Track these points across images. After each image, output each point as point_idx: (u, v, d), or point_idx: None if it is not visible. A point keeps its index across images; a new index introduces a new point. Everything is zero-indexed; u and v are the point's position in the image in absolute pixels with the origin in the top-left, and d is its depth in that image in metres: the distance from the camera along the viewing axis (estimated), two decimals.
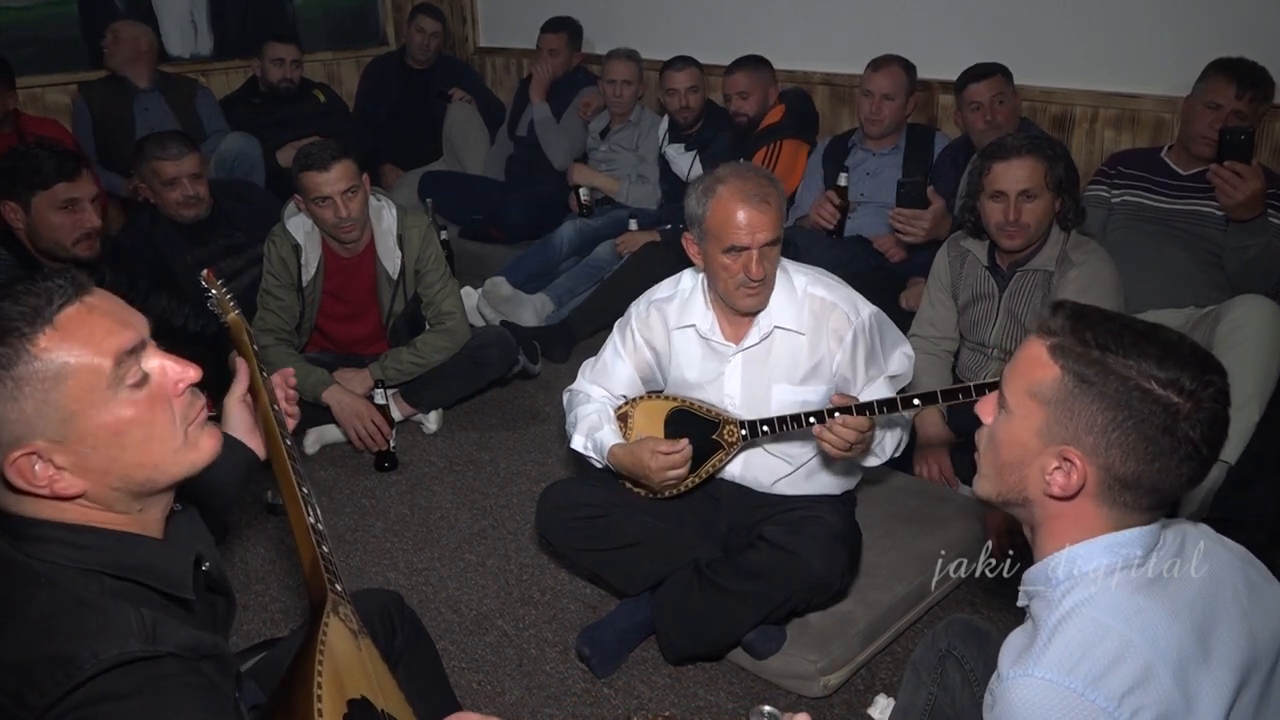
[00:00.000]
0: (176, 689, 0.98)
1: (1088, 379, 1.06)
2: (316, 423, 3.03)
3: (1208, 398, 1.04)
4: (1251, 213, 2.53)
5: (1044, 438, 1.10)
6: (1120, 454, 1.06)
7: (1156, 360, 1.05)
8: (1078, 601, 1.06)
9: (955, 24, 3.60)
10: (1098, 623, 1.03)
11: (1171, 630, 1.03)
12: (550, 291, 3.83)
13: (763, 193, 1.91)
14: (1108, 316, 1.11)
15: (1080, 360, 1.07)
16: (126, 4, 4.63)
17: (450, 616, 2.32)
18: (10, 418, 0.97)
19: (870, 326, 2.07)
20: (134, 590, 1.05)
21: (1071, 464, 1.08)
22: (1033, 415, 1.11)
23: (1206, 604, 1.08)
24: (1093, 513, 1.10)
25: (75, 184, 2.58)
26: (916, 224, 2.98)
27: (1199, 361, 1.06)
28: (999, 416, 1.17)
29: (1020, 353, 1.15)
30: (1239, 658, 1.06)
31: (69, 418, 1.00)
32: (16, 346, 0.97)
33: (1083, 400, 1.07)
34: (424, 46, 4.83)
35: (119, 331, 1.04)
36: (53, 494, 1.01)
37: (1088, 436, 1.07)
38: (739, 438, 2.07)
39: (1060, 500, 1.11)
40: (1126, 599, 1.05)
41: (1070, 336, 1.09)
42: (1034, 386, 1.11)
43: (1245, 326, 2.37)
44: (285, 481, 1.45)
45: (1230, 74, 2.68)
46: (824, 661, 2.02)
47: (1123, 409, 1.05)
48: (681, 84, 3.92)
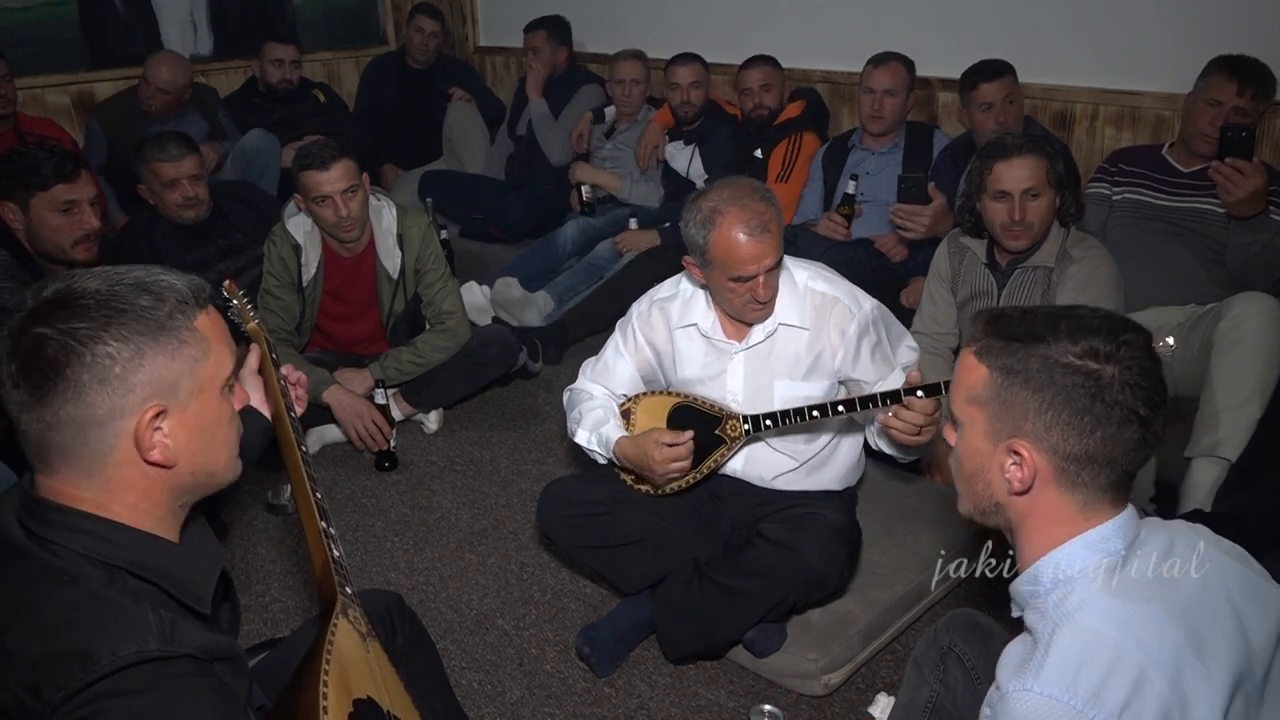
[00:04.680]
0: (190, 688, 1.00)
1: (1012, 369, 1.11)
2: (317, 423, 3.02)
3: (1127, 356, 1.07)
4: (1253, 210, 2.52)
5: (992, 438, 1.14)
6: (1061, 432, 1.08)
7: (1069, 335, 1.09)
8: (1070, 608, 1.06)
9: (955, 21, 3.59)
10: (1091, 630, 1.03)
11: (1165, 633, 1.02)
12: (551, 289, 3.83)
13: (764, 220, 1.91)
14: (1022, 311, 1.16)
15: (1002, 354, 1.12)
16: (126, 4, 4.62)
17: (451, 616, 2.32)
18: (162, 373, 1.07)
19: (874, 319, 2.07)
20: (153, 592, 1.07)
21: (1021, 455, 1.10)
22: (977, 420, 1.15)
23: (1200, 607, 1.07)
24: (1058, 500, 1.11)
25: (74, 185, 2.57)
26: (917, 220, 2.97)
27: (1111, 326, 1.09)
28: (957, 434, 1.20)
29: (958, 363, 1.19)
30: (1233, 661, 1.05)
31: (198, 390, 1.10)
32: (186, 314, 1.09)
33: (1012, 391, 1.11)
34: (423, 47, 4.83)
35: (233, 344, 1.18)
36: (156, 459, 1.07)
37: (1027, 424, 1.10)
38: (742, 432, 2.07)
39: (1024, 495, 1.12)
40: (1118, 604, 1.05)
41: (991, 337, 1.14)
42: (970, 392, 1.15)
43: (1246, 323, 2.37)
44: (300, 488, 1.50)
45: (1231, 71, 2.67)
46: (825, 660, 2.02)
47: (1049, 388, 1.08)
48: (685, 79, 3.92)
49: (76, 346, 1.02)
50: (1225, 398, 2.37)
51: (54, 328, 1.02)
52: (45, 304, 1.04)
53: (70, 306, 1.04)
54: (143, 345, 1.05)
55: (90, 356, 1.02)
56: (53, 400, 1.03)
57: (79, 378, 1.02)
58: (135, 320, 1.05)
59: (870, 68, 3.40)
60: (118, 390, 1.04)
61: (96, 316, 1.03)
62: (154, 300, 1.07)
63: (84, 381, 1.02)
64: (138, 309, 1.05)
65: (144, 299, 1.06)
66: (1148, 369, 1.08)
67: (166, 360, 1.07)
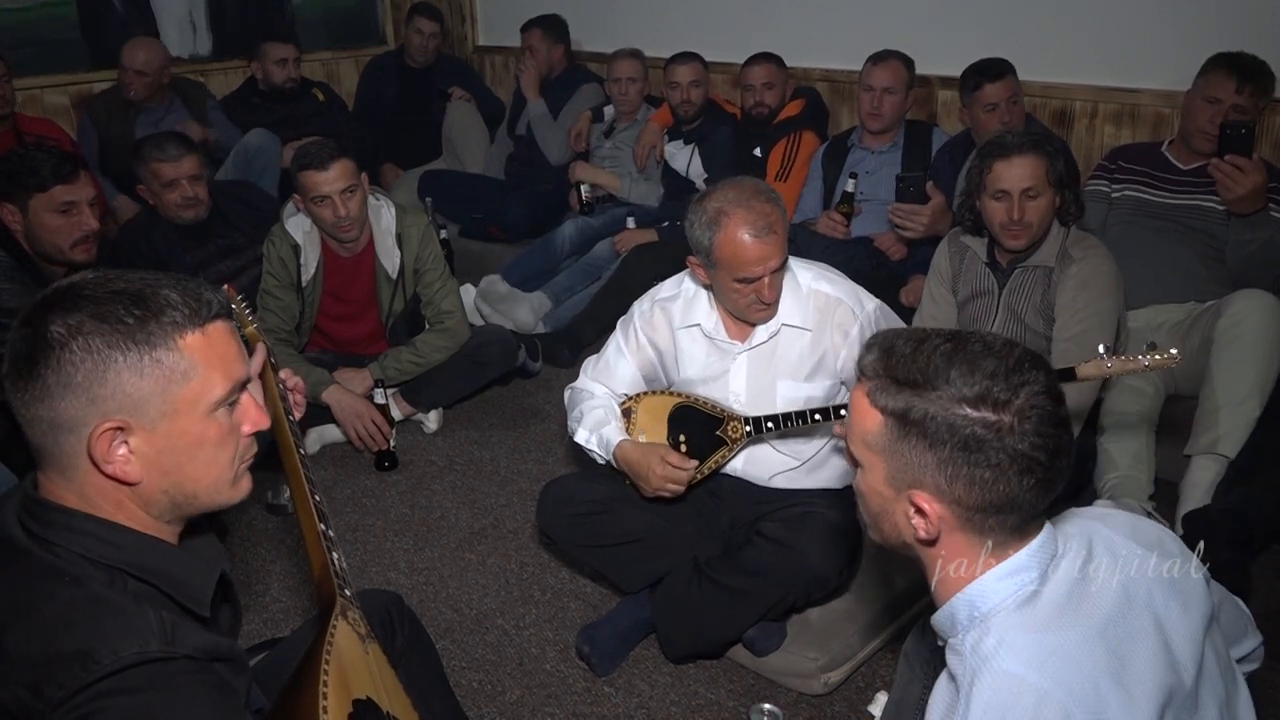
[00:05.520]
0: (189, 687, 1.00)
1: (907, 419, 1.04)
2: (317, 422, 3.02)
3: (1025, 404, 1.01)
4: (1252, 207, 2.52)
5: (893, 485, 1.09)
6: (964, 487, 1.03)
7: (964, 379, 1.02)
8: (985, 652, 1.02)
9: (954, 19, 3.59)
10: (1010, 676, 0.99)
11: (1084, 666, 0.99)
12: (548, 289, 3.83)
13: (769, 222, 1.91)
14: (916, 342, 1.07)
15: (895, 401, 1.05)
16: (125, 4, 4.62)
17: (450, 615, 2.32)
18: (127, 389, 1.03)
19: (876, 319, 2.07)
20: (154, 594, 1.07)
21: (923, 507, 1.06)
22: (875, 466, 1.10)
23: (1122, 621, 1.04)
24: (966, 544, 1.08)
25: (73, 186, 2.57)
26: (916, 219, 2.97)
27: (1009, 366, 1.02)
28: (857, 471, 1.15)
29: (851, 401, 1.13)
30: (1158, 679, 1.02)
31: (171, 413, 1.06)
32: (168, 332, 1.05)
33: (907, 444, 1.05)
34: (423, 48, 4.83)
35: (243, 362, 1.13)
36: (113, 474, 1.05)
37: (926, 478, 1.05)
38: (743, 434, 2.07)
39: (933, 544, 1.09)
40: (1034, 641, 1.01)
41: (882, 378, 1.07)
42: (866, 437, 1.09)
43: (1245, 321, 2.37)
44: (299, 491, 1.50)
45: (1230, 68, 2.66)
46: (824, 659, 2.02)
47: (944, 444, 1.02)
48: (684, 78, 3.92)
49: (46, 348, 1.01)
50: (1225, 395, 2.37)
51: (37, 325, 1.02)
52: (46, 298, 1.05)
53: (59, 306, 1.03)
54: (110, 358, 1.02)
55: (57, 360, 1.01)
56: (28, 396, 1.03)
57: (46, 379, 1.02)
58: (111, 332, 1.02)
59: (869, 66, 3.39)
60: (80, 398, 1.02)
61: (75, 320, 1.02)
62: (142, 314, 1.04)
63: (50, 384, 1.02)
64: (118, 320, 1.03)
65: (133, 311, 1.03)
66: (1048, 413, 1.02)
67: (133, 377, 1.03)
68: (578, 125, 4.35)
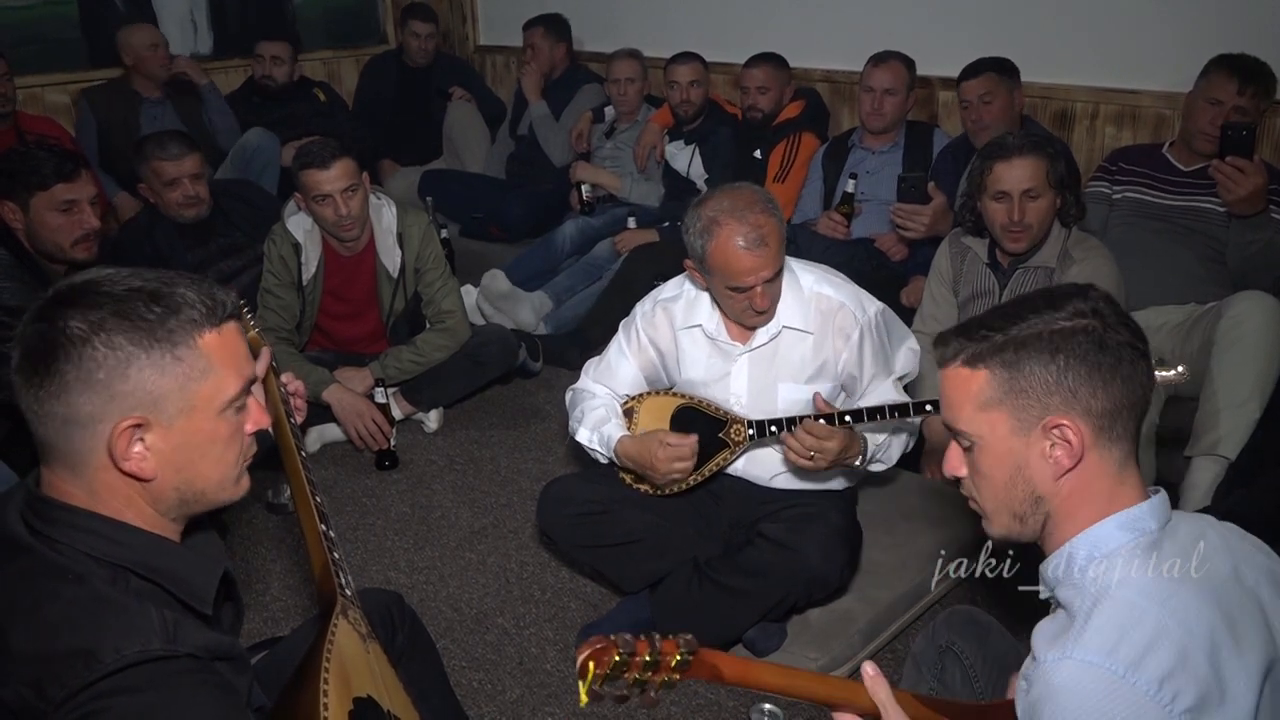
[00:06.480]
0: (192, 686, 1.01)
1: (1016, 352, 1.10)
2: (317, 421, 3.02)
3: (1103, 307, 1.10)
4: (1253, 208, 2.52)
5: (1022, 432, 1.11)
6: (1088, 390, 1.08)
7: (1041, 308, 1.10)
8: (1110, 583, 1.05)
9: (955, 20, 3.59)
10: (1133, 604, 1.02)
11: (1203, 615, 1.02)
12: (549, 289, 3.82)
13: (762, 234, 1.89)
14: (987, 311, 1.17)
15: (994, 350, 1.11)
16: (127, 3, 4.62)
17: (451, 615, 2.32)
18: (148, 386, 1.04)
19: (877, 324, 2.07)
20: (156, 592, 1.07)
21: (1063, 427, 1.08)
22: (998, 423, 1.12)
23: (1231, 593, 1.07)
24: (1099, 467, 1.10)
25: (74, 185, 2.57)
26: (917, 219, 2.97)
27: (1075, 290, 1.12)
28: (970, 457, 1.16)
29: (943, 394, 1.17)
30: (1265, 650, 1.05)
31: (188, 411, 1.07)
32: (187, 330, 1.06)
33: (1022, 375, 1.09)
34: (421, 49, 4.83)
35: (252, 362, 1.16)
36: (130, 470, 1.06)
37: (1054, 399, 1.08)
38: (746, 437, 2.07)
39: (1071, 472, 1.10)
40: (1158, 583, 1.04)
41: (970, 345, 1.13)
42: (978, 399, 1.12)
43: (1246, 322, 2.37)
44: (300, 492, 1.50)
45: (1232, 70, 2.67)
46: (824, 659, 2.02)
47: (1059, 354, 1.08)
48: (684, 78, 3.91)
49: (66, 344, 1.01)
50: (1225, 396, 2.37)
51: (54, 321, 1.02)
52: (61, 294, 1.05)
53: (77, 303, 1.03)
54: (133, 355, 1.03)
55: (78, 356, 1.01)
56: (41, 392, 1.03)
57: (65, 375, 1.02)
58: (133, 329, 1.03)
59: (870, 66, 3.40)
60: (101, 395, 1.02)
61: (96, 317, 1.02)
62: (162, 311, 1.05)
63: (69, 380, 1.02)
64: (139, 317, 1.03)
65: (153, 309, 1.04)
66: (1121, 312, 1.11)
67: (155, 374, 1.04)
68: (578, 125, 4.35)
